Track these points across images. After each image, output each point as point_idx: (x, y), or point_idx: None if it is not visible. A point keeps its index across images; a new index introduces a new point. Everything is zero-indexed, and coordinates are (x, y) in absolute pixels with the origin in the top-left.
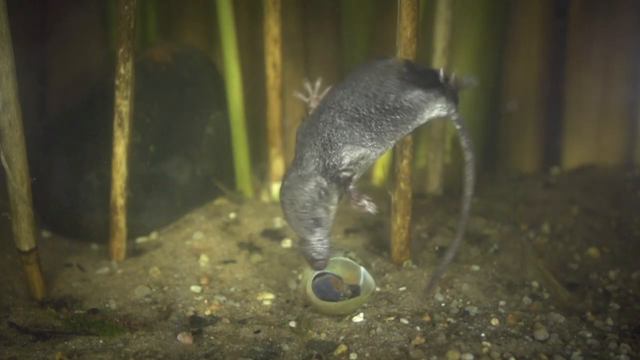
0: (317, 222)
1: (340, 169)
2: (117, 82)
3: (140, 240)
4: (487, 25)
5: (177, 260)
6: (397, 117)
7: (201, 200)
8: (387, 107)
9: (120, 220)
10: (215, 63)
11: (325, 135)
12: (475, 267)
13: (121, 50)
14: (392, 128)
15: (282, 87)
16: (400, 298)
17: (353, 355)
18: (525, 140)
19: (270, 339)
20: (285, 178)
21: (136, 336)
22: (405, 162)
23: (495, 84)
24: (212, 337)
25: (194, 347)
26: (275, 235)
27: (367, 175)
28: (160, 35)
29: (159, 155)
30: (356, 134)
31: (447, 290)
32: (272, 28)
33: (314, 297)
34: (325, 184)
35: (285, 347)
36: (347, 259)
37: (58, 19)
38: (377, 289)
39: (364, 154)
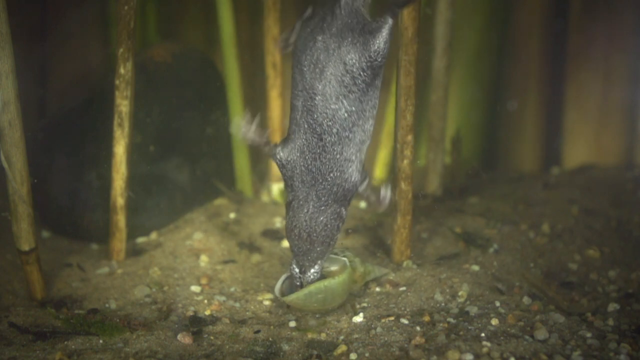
0: (324, 254)
1: (357, 185)
2: (117, 82)
3: (140, 240)
4: (487, 25)
5: (177, 260)
6: (377, 81)
7: (201, 200)
8: (368, 82)
9: (120, 220)
10: (215, 63)
11: (338, 153)
12: (475, 267)
13: (121, 50)
14: (377, 94)
15: (282, 87)
16: (400, 298)
17: (353, 355)
18: (525, 140)
19: (270, 339)
20: (298, 202)
21: (136, 336)
22: (405, 162)
23: (495, 83)
24: (212, 337)
25: (194, 347)
26: (275, 235)
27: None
28: (160, 35)
29: (159, 155)
30: (363, 147)
31: (447, 290)
32: (272, 28)
33: (280, 295)
34: (344, 212)
35: (285, 347)
36: (332, 256)
37: (58, 19)
38: (377, 289)
39: (366, 146)
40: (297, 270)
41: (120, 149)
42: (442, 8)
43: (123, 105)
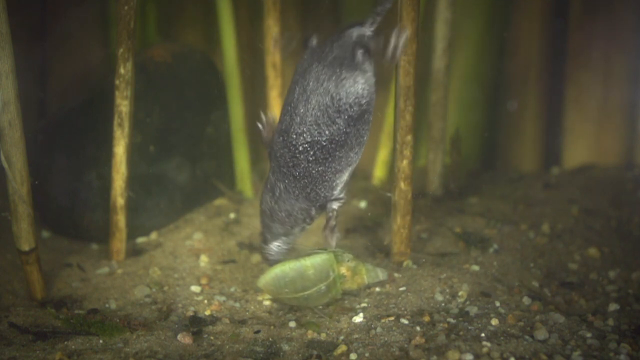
0: (286, 233)
1: (332, 198)
2: (117, 82)
3: (140, 240)
4: (487, 25)
5: (177, 260)
6: (366, 116)
7: (201, 200)
8: (356, 117)
9: (120, 220)
10: (215, 63)
11: (315, 173)
12: (475, 267)
13: (121, 50)
14: (366, 127)
15: (282, 87)
16: (400, 298)
17: (353, 355)
18: (525, 140)
19: (270, 339)
20: (271, 183)
21: (136, 336)
22: (405, 162)
23: (495, 83)
24: (212, 337)
25: (194, 347)
26: None
27: (367, 175)
28: (160, 35)
29: (159, 155)
30: (344, 160)
31: (447, 290)
32: (272, 28)
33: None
34: (313, 212)
35: (285, 347)
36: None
37: (58, 19)
38: (377, 289)
39: (352, 169)
40: (261, 243)
41: (120, 149)
42: (442, 8)
43: (123, 105)
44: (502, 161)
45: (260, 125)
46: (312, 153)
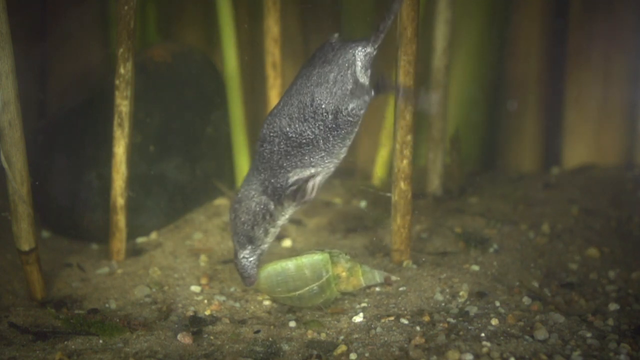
0: (250, 240)
1: (287, 189)
2: (117, 82)
3: (140, 240)
4: (487, 25)
5: (177, 260)
6: (342, 131)
7: (201, 200)
8: (329, 126)
9: (120, 220)
10: (215, 63)
11: (274, 162)
12: (475, 267)
13: (121, 50)
14: (339, 141)
15: (282, 87)
16: (400, 298)
17: (353, 355)
18: (525, 140)
19: (270, 339)
20: (239, 189)
21: (136, 336)
22: (405, 162)
23: (495, 83)
24: (212, 337)
25: (194, 347)
26: None
27: (366, 175)
28: (160, 35)
29: (159, 155)
30: (307, 157)
31: (447, 290)
32: (272, 28)
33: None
34: (272, 206)
35: (285, 347)
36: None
37: (58, 19)
38: (377, 289)
39: (315, 172)
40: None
41: (120, 149)
42: (442, 8)
43: (123, 105)
44: (502, 161)
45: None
46: (277, 142)
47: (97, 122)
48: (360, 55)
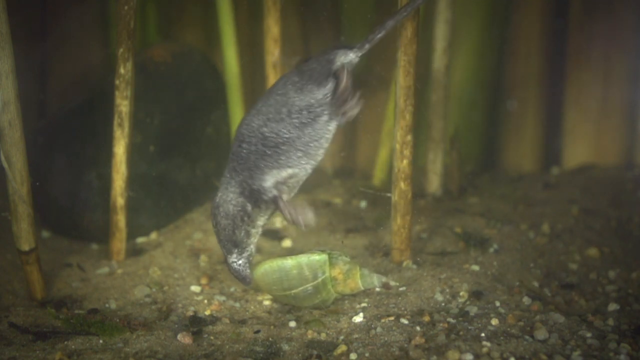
0: (235, 244)
1: (265, 191)
2: (117, 82)
3: (140, 240)
4: (487, 24)
5: (177, 260)
6: (316, 126)
7: (201, 200)
8: (304, 122)
9: (120, 220)
10: (215, 63)
11: (252, 162)
12: (475, 267)
13: (121, 50)
14: (315, 141)
15: None
16: (400, 298)
17: (353, 355)
18: (525, 140)
19: (270, 339)
20: (216, 194)
21: (136, 336)
22: (405, 162)
23: (495, 83)
24: (212, 337)
25: (194, 347)
26: (275, 235)
27: (367, 175)
28: (160, 35)
29: (159, 155)
30: (283, 157)
31: (447, 290)
32: (272, 28)
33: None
34: (249, 208)
35: (285, 347)
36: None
37: (58, 19)
38: (377, 289)
39: (293, 173)
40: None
41: (120, 149)
42: (442, 8)
43: (123, 105)
44: (502, 161)
45: None
46: (254, 142)
47: (97, 122)
48: (341, 57)
